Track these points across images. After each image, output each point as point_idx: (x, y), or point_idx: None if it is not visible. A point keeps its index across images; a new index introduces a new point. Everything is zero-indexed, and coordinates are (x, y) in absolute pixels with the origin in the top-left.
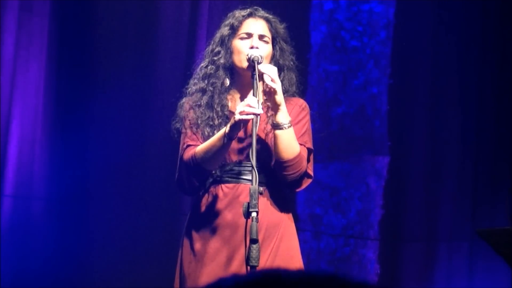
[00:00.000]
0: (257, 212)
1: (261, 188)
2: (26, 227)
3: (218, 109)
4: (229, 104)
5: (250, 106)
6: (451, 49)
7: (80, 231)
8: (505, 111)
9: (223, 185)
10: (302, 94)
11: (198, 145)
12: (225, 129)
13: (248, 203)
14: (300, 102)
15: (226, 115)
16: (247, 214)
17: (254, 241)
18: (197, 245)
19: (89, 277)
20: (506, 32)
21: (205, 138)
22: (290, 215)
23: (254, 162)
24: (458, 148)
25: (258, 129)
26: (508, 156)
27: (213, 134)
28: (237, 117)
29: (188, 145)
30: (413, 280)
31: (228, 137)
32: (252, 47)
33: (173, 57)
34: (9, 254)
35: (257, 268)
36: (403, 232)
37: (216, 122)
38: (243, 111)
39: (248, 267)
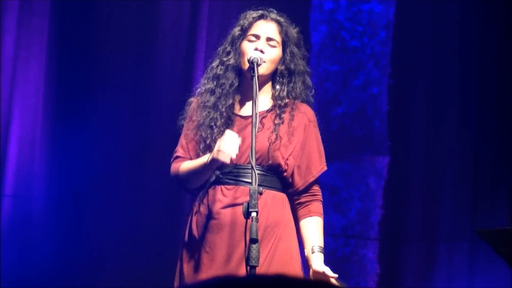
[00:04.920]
0: (257, 212)
1: (261, 188)
2: (26, 227)
3: (223, 110)
4: (235, 105)
5: (227, 149)
6: (451, 49)
7: (80, 231)
8: (505, 111)
9: (222, 187)
10: (313, 98)
11: (187, 158)
12: (207, 158)
13: (248, 203)
14: (309, 114)
15: (230, 116)
16: (247, 214)
17: (254, 241)
18: (197, 245)
19: (89, 277)
20: (506, 31)
21: (203, 141)
22: (290, 216)
23: (253, 162)
24: (458, 148)
25: (263, 135)
26: (508, 156)
27: (212, 136)
28: (215, 155)
29: (177, 157)
30: (413, 280)
31: (208, 167)
32: (256, 49)
33: (173, 57)
34: (9, 254)
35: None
36: (403, 232)
37: (219, 123)
38: (219, 152)
39: (248, 267)
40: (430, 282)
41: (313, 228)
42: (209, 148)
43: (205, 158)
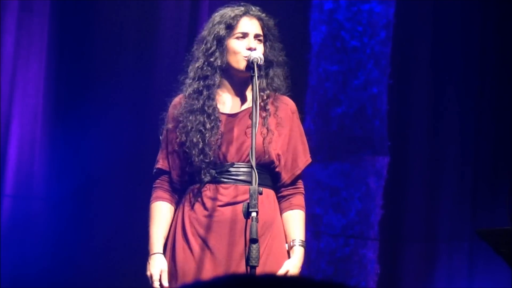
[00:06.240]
0: (257, 212)
1: (261, 189)
2: (26, 227)
3: (210, 111)
4: (219, 105)
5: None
6: (450, 49)
7: (80, 231)
8: (504, 111)
9: (218, 185)
10: (290, 88)
11: (169, 171)
12: (151, 250)
13: (248, 203)
14: (291, 105)
15: (217, 118)
16: (247, 214)
17: (254, 241)
18: (194, 244)
19: (89, 277)
20: (506, 31)
21: (195, 146)
22: (279, 213)
23: (254, 162)
24: (458, 148)
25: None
26: (508, 156)
27: (204, 140)
28: (149, 269)
29: (160, 171)
30: (413, 280)
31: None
32: (250, 48)
33: (173, 57)
34: (9, 254)
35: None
36: (403, 232)
37: (208, 126)
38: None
39: (248, 267)
40: (430, 282)
41: (294, 222)
42: (202, 152)
43: (152, 247)
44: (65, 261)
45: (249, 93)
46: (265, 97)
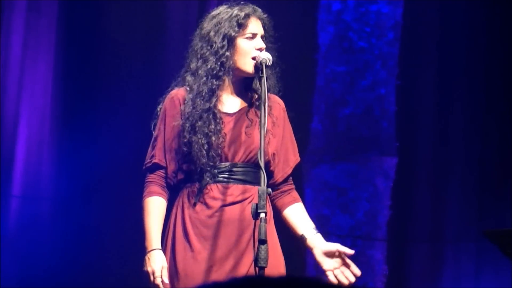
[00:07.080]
0: (266, 213)
1: (270, 189)
2: (33, 228)
3: (216, 110)
4: (219, 106)
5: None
6: (458, 50)
7: (87, 231)
8: (511, 111)
9: (220, 185)
10: (281, 89)
11: (166, 167)
12: (149, 247)
13: (257, 204)
14: (282, 104)
15: (221, 118)
16: (256, 215)
17: (262, 241)
18: (196, 244)
19: (96, 277)
20: None
21: (200, 147)
22: (272, 214)
23: (262, 163)
24: (464, 149)
25: (256, 131)
26: None
27: (210, 143)
28: (147, 264)
29: (156, 164)
30: (421, 281)
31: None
32: (260, 49)
33: (181, 58)
34: (17, 254)
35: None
36: (410, 233)
37: (213, 127)
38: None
39: (257, 268)
40: (437, 282)
41: (304, 213)
42: (207, 154)
43: (150, 243)
44: (72, 261)
45: (246, 92)
46: (258, 97)
